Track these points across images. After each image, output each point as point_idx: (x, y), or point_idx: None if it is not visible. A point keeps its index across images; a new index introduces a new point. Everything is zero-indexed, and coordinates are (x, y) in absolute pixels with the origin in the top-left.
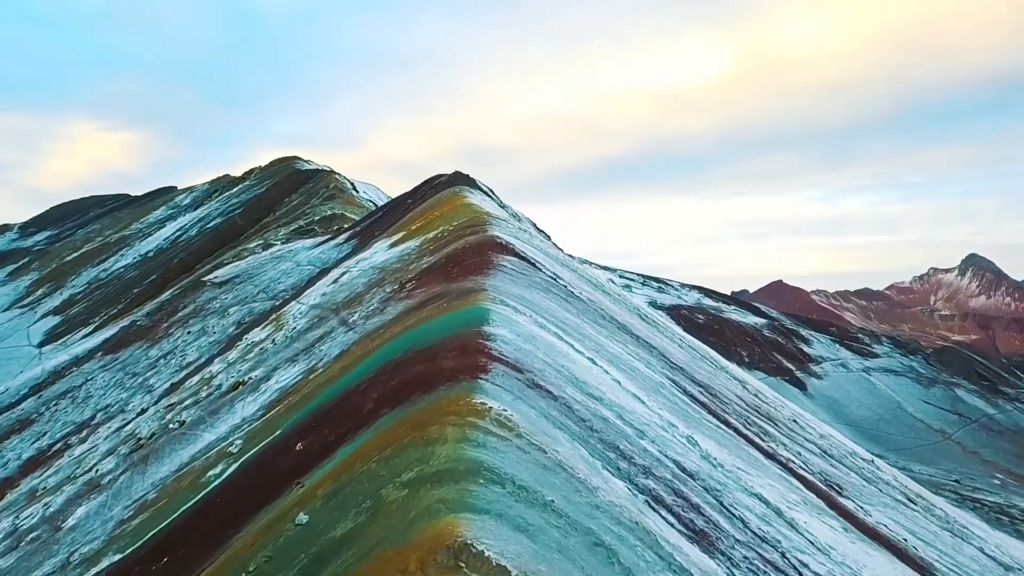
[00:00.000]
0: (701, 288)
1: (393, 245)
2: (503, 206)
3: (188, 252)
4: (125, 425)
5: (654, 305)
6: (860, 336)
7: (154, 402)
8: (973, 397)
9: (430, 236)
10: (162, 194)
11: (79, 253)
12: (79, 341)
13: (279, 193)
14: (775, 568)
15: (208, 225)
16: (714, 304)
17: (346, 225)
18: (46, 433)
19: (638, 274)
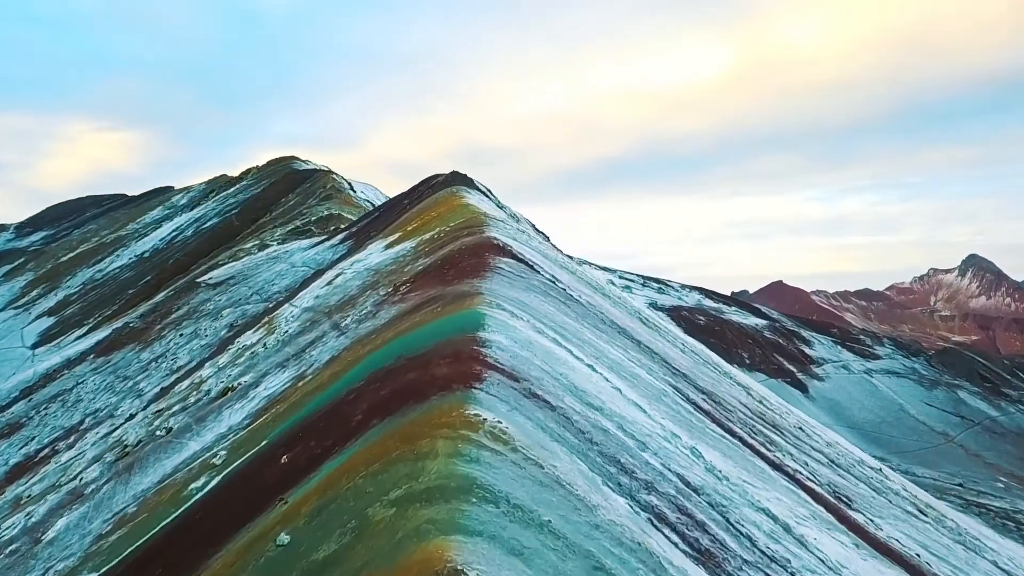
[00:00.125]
0: (701, 289)
1: (389, 246)
2: (501, 206)
3: (184, 253)
4: (113, 431)
5: (654, 306)
6: (862, 337)
7: (143, 407)
8: (975, 399)
9: (426, 237)
10: (159, 194)
11: (75, 253)
12: (72, 343)
13: (276, 193)
14: None
15: (204, 225)
16: (715, 305)
17: (343, 226)
18: (34, 438)
19: (638, 275)
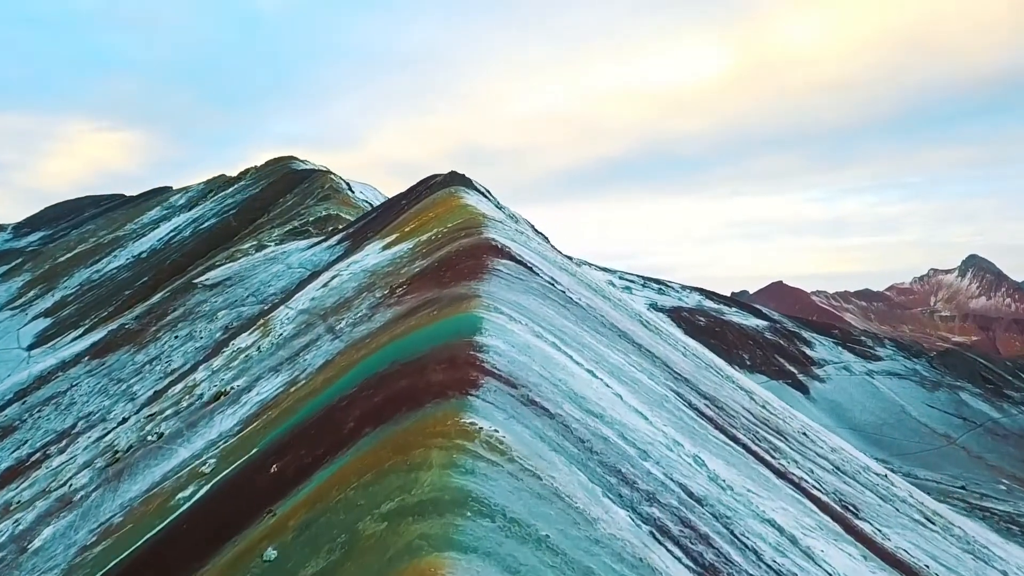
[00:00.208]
0: (702, 290)
1: (386, 247)
2: (500, 207)
3: (181, 253)
4: (105, 435)
5: (654, 307)
6: (863, 338)
7: (136, 411)
8: (978, 401)
9: (423, 238)
10: (157, 194)
11: (72, 254)
12: (68, 344)
13: (274, 193)
14: None
15: (202, 226)
16: (715, 306)
17: (340, 226)
18: (27, 442)
19: (638, 275)
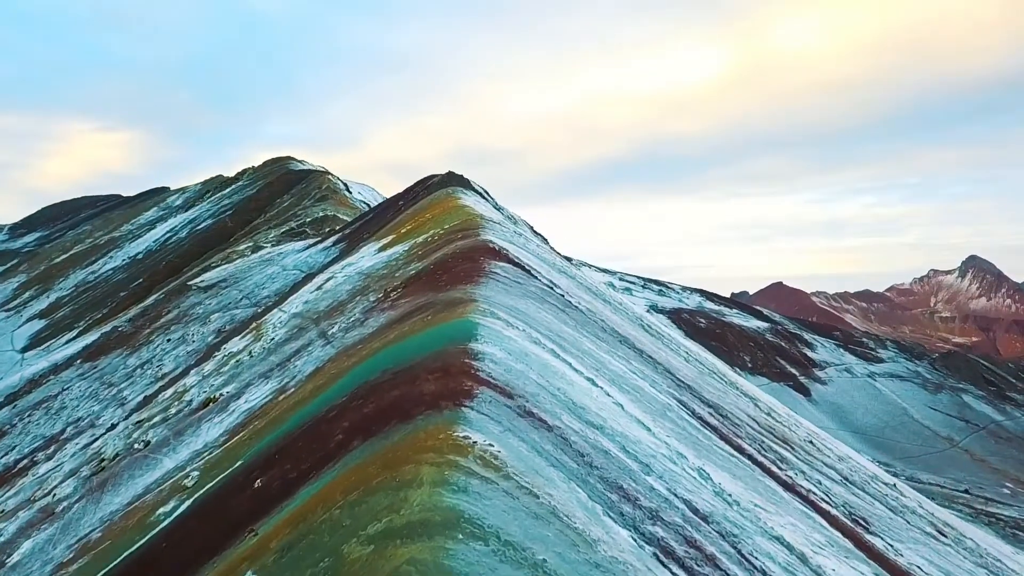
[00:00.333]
0: (702, 291)
1: (381, 249)
2: (498, 208)
3: (177, 255)
4: (93, 441)
5: (655, 308)
6: (864, 340)
7: (125, 416)
8: (980, 403)
9: (420, 240)
10: (154, 195)
11: (68, 255)
12: (61, 347)
13: (271, 194)
14: None
15: (198, 227)
16: (715, 307)
17: (337, 227)
18: (15, 447)
19: (638, 276)
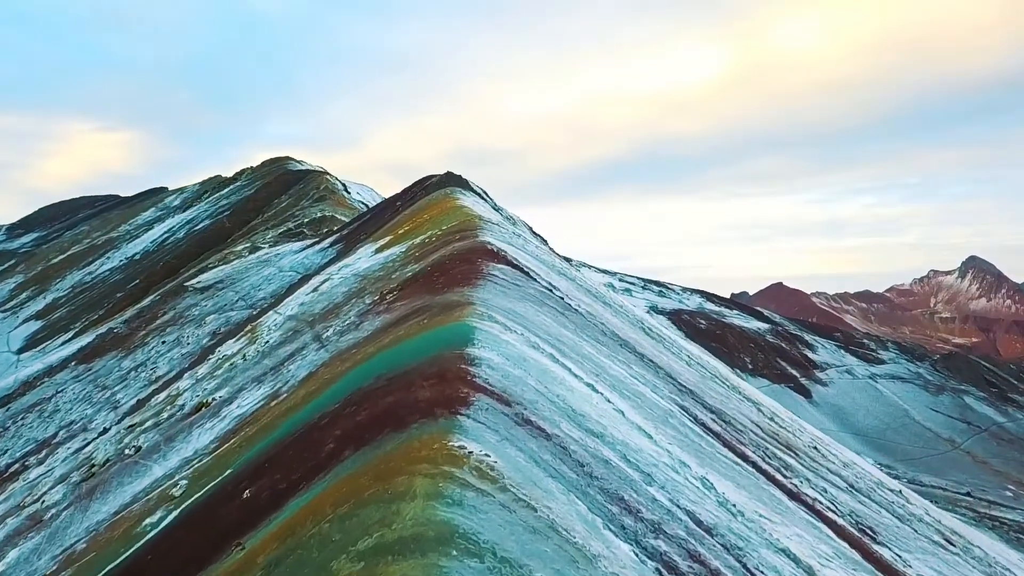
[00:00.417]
0: (703, 292)
1: (378, 251)
2: (497, 209)
3: (174, 255)
4: (85, 446)
5: (655, 310)
6: (866, 342)
7: (118, 420)
8: (982, 405)
9: (417, 241)
10: (152, 195)
11: (65, 255)
12: (57, 349)
13: (269, 194)
14: None
15: (196, 227)
16: (716, 309)
17: (335, 228)
18: (7, 451)
19: (638, 277)
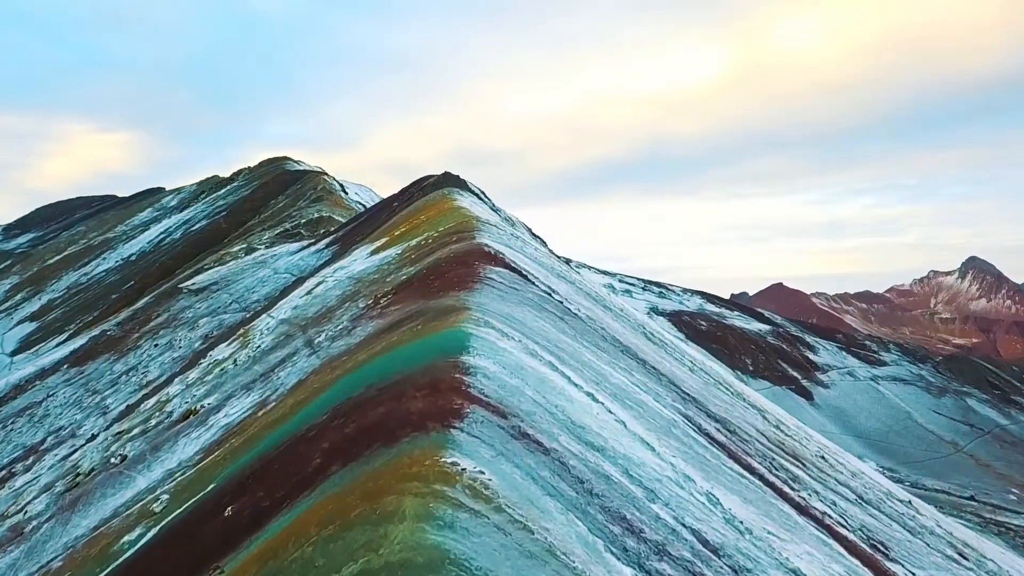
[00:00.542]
0: (703, 293)
1: (374, 252)
2: (496, 209)
3: (170, 256)
4: (72, 453)
5: (655, 311)
6: (867, 343)
7: (106, 426)
8: (985, 407)
9: (413, 243)
10: (149, 195)
11: (61, 256)
12: (50, 351)
13: (266, 195)
14: None
15: (193, 228)
16: (716, 310)
17: (332, 229)
18: None
19: (638, 278)
